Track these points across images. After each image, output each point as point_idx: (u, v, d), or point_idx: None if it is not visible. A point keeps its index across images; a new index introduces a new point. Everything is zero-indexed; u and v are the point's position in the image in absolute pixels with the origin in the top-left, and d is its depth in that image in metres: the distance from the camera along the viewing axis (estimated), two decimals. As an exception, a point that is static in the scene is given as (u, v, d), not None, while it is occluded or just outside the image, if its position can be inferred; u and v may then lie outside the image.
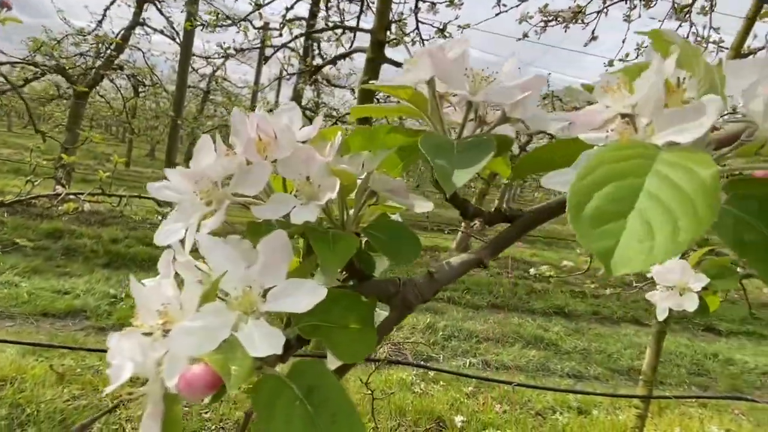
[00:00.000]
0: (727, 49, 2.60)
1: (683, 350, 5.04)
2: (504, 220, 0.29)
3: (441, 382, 3.57)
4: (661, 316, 0.62)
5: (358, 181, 0.28)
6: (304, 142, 0.27)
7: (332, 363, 0.29)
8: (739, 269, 0.61)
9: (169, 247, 0.26)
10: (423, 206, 0.29)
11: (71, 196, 2.36)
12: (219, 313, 0.22)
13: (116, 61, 6.37)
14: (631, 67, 0.23)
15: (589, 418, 3.54)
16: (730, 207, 0.19)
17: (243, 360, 0.20)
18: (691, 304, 0.57)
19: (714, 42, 2.50)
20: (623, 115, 0.22)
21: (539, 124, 0.26)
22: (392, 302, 0.27)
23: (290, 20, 5.18)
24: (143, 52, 6.90)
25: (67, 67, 5.68)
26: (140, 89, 7.79)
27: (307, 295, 0.22)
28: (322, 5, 4.55)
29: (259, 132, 0.25)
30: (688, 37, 2.56)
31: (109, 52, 5.92)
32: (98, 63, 6.15)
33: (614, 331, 5.35)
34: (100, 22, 6.33)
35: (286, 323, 0.27)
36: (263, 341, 0.21)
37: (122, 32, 6.24)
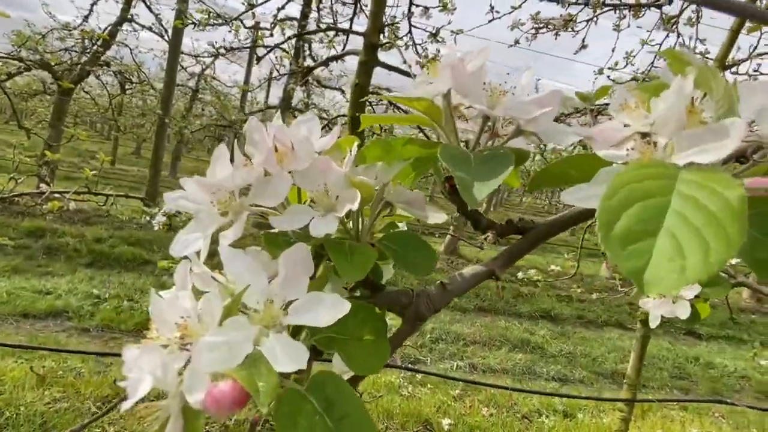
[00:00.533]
0: (712, 60, 2.66)
1: (665, 354, 5.14)
2: (516, 231, 0.29)
3: (428, 385, 3.58)
4: (654, 323, 0.63)
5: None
6: (319, 153, 0.27)
7: (338, 370, 0.29)
8: (729, 278, 0.62)
9: (185, 258, 0.26)
10: (437, 218, 0.29)
11: (56, 195, 2.31)
12: (242, 327, 0.21)
13: (103, 58, 6.27)
14: (647, 85, 0.23)
15: (575, 421, 3.58)
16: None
17: (269, 375, 0.20)
18: (683, 312, 0.58)
19: (700, 53, 2.56)
20: (642, 134, 0.22)
21: (555, 138, 0.26)
22: (405, 314, 0.27)
23: (281, 20, 5.15)
24: (131, 49, 6.80)
25: (52, 63, 5.57)
26: (127, 86, 7.68)
27: (330, 310, 0.22)
28: (313, 6, 4.54)
29: (276, 142, 0.25)
30: (674, 47, 2.61)
31: (95, 47, 5.82)
32: (84, 59, 6.05)
33: (599, 334, 5.43)
34: (86, 17, 6.22)
35: (293, 333, 0.26)
36: (287, 356, 0.21)
37: (109, 28, 6.15)
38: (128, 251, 4.93)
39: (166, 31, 6.54)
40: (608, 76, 3.14)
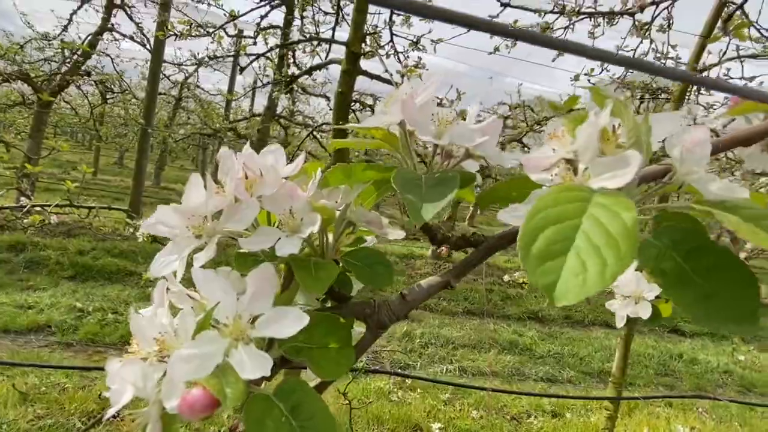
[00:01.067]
0: (685, 64, 2.76)
1: (650, 351, 5.23)
2: (469, 245, 0.32)
3: (418, 390, 3.60)
4: (620, 323, 0.67)
5: (337, 213, 0.31)
6: (287, 178, 0.29)
7: (309, 377, 0.31)
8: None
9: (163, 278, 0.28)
10: (396, 234, 0.32)
11: (37, 208, 2.29)
12: (213, 341, 0.24)
13: (83, 67, 6.20)
14: (575, 115, 0.26)
15: (563, 421, 3.63)
16: (653, 238, 0.23)
17: (236, 383, 0.22)
18: (645, 312, 0.62)
19: (672, 58, 2.65)
20: (566, 160, 0.25)
21: (497, 161, 0.29)
22: (368, 323, 0.30)
23: (265, 29, 5.18)
24: (112, 59, 6.74)
25: (31, 74, 5.50)
26: (108, 96, 7.59)
27: (292, 322, 0.25)
28: (297, 14, 4.57)
29: (246, 170, 0.27)
30: (648, 53, 2.70)
31: (75, 57, 5.75)
32: (64, 69, 5.98)
33: (586, 334, 5.51)
34: (65, 27, 6.16)
35: (269, 345, 0.29)
36: (253, 365, 0.23)
37: (89, 38, 6.09)
38: (112, 263, 4.86)
39: (147, 40, 6.51)
40: (588, 79, 3.23)
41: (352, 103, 2.71)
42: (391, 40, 2.77)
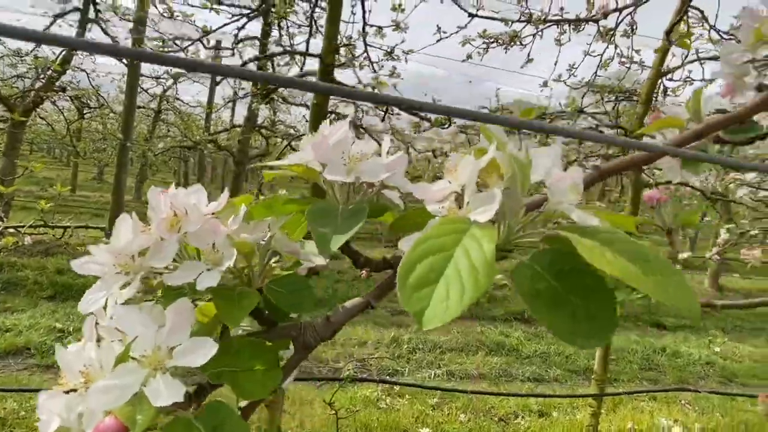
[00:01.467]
0: (649, 67, 2.85)
1: (634, 347, 5.33)
2: (389, 267, 0.35)
3: (407, 396, 3.61)
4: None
5: (264, 243, 0.33)
6: (215, 213, 0.32)
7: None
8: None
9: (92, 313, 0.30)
10: (318, 261, 0.35)
11: (10, 230, 2.26)
12: (131, 372, 0.26)
13: (58, 83, 6.11)
14: (477, 148, 0.29)
15: (550, 420, 3.68)
16: (529, 261, 0.26)
17: (148, 410, 0.24)
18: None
19: (636, 62, 2.75)
20: (456, 193, 0.28)
21: (406, 190, 0.32)
22: (295, 344, 0.33)
23: (242, 40, 5.18)
24: (87, 73, 6.66)
25: (3, 91, 5.40)
26: (85, 111, 7.50)
27: (204, 351, 0.27)
28: (274, 25, 4.59)
29: (174, 208, 0.30)
30: (613, 58, 2.78)
31: (49, 73, 5.68)
32: (38, 85, 5.89)
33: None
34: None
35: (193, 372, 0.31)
36: (168, 393, 0.25)
37: (63, 53, 6.02)
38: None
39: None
40: (564, 82, 3.31)
41: (329, 114, 2.74)
42: (366, 51, 2.81)
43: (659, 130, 0.50)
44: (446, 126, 2.57)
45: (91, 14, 6.18)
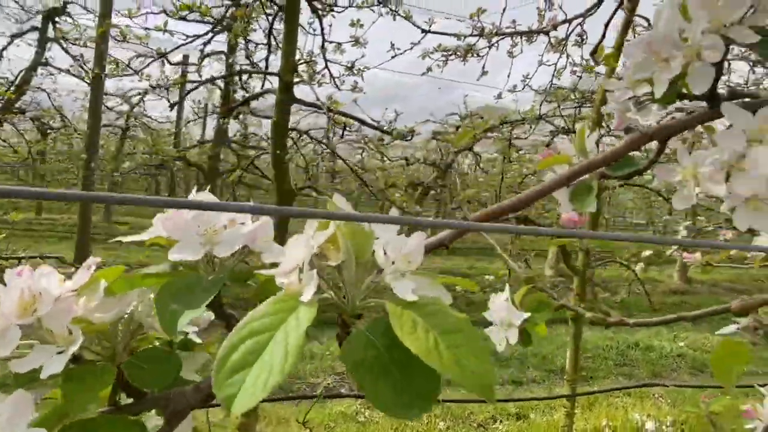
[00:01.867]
0: (601, 74, 2.95)
1: (609, 343, 5.44)
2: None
3: (385, 408, 3.61)
4: (500, 348, 0.72)
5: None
6: (75, 290, 0.32)
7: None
8: (555, 301, 0.73)
9: None
10: (191, 329, 0.36)
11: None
12: None
13: (17, 105, 5.94)
14: (321, 224, 0.30)
15: (527, 422, 3.72)
16: (366, 329, 0.27)
17: None
18: (513, 338, 0.67)
19: (588, 71, 2.84)
20: (300, 268, 0.29)
21: (270, 257, 0.33)
22: (165, 414, 0.33)
23: (208, 55, 5.14)
24: (48, 93, 6.48)
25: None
26: (48, 132, 7.29)
27: None
28: (241, 40, 4.58)
29: (27, 290, 0.30)
30: (566, 67, 2.88)
31: (7, 95, 5.50)
32: (-4, 108, 5.70)
33: (548, 332, 5.68)
34: (-5, 63, 5.89)
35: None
36: None
37: (23, 73, 5.85)
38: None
39: (86, 72, 6.30)
40: (515, 92, 3.40)
41: (290, 132, 2.74)
42: (326, 67, 2.83)
43: (550, 167, 0.52)
44: (409, 138, 2.60)
45: (50, 33, 6.03)
